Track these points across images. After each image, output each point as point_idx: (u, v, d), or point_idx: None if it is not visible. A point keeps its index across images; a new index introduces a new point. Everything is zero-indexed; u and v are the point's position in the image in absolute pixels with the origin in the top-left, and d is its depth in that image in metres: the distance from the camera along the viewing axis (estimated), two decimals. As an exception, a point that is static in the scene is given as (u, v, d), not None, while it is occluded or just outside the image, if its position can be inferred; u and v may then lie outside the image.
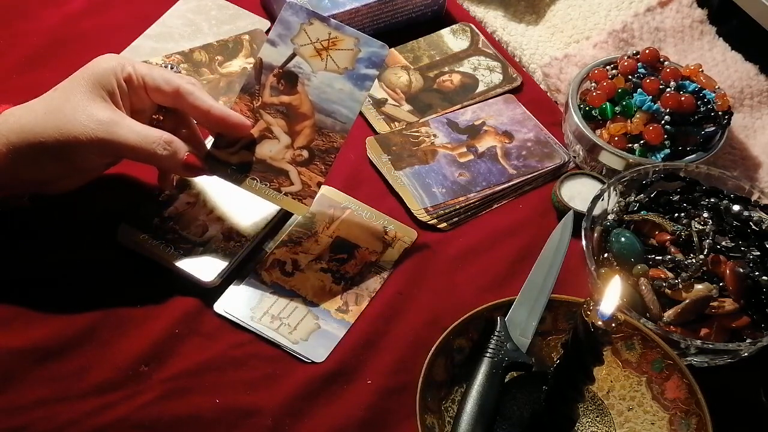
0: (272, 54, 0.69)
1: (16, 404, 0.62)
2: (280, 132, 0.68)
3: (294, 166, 0.68)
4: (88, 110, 0.62)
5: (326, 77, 0.68)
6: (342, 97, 0.68)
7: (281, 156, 0.68)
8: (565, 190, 0.77)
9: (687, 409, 0.61)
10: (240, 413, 0.63)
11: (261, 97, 0.68)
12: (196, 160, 0.67)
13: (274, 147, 0.68)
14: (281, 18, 0.69)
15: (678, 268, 0.67)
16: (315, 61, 0.68)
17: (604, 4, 0.94)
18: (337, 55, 0.68)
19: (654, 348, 0.63)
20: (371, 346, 0.67)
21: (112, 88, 0.64)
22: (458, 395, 0.63)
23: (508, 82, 0.89)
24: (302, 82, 0.68)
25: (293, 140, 0.68)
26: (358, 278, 0.71)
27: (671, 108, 0.77)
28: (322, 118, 0.68)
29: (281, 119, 0.68)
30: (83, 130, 0.61)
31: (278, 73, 0.68)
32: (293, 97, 0.68)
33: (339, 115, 0.68)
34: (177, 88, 0.66)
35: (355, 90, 0.68)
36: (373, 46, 0.68)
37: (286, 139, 0.68)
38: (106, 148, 0.63)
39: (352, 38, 0.68)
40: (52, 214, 0.71)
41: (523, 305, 0.65)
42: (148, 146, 0.63)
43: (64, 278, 0.69)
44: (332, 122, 0.68)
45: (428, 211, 0.76)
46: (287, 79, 0.68)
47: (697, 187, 0.72)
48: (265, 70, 0.69)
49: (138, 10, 0.92)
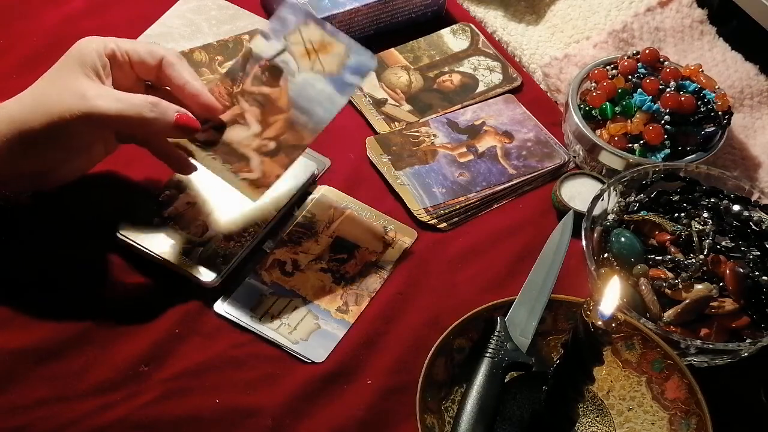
0: (263, 46, 0.69)
1: (16, 404, 0.62)
2: (252, 120, 0.68)
3: (258, 155, 0.68)
4: (71, 88, 0.62)
5: (310, 77, 0.68)
6: (321, 99, 0.68)
7: (247, 143, 0.68)
8: (565, 190, 0.77)
9: (687, 409, 0.61)
10: (240, 413, 0.63)
11: (242, 84, 0.68)
12: (190, 119, 0.65)
13: (243, 133, 0.68)
14: (279, 14, 0.69)
15: (678, 268, 0.67)
16: (303, 61, 0.68)
17: (604, 4, 0.94)
18: (326, 58, 0.68)
19: (654, 348, 0.63)
20: (371, 346, 0.67)
21: (95, 65, 0.63)
22: (458, 395, 0.63)
23: (508, 82, 0.89)
24: (285, 78, 0.68)
25: (263, 130, 0.68)
26: (358, 278, 0.71)
27: (671, 108, 0.77)
28: (297, 115, 0.68)
29: (257, 108, 0.68)
30: (68, 107, 0.61)
31: (264, 65, 0.68)
32: (273, 89, 0.68)
33: (314, 114, 0.68)
34: (161, 59, 0.66)
35: (336, 94, 0.68)
36: (362, 56, 0.68)
37: (256, 128, 0.68)
38: (94, 121, 0.62)
39: (343, 45, 0.68)
40: (52, 213, 0.71)
41: (523, 305, 0.65)
42: (135, 111, 0.62)
43: (64, 278, 0.69)
44: (306, 120, 0.68)
45: (428, 211, 0.76)
46: (272, 72, 0.68)
47: (697, 187, 0.72)
48: (252, 59, 0.69)
49: (138, 10, 0.92)
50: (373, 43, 0.90)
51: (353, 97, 0.85)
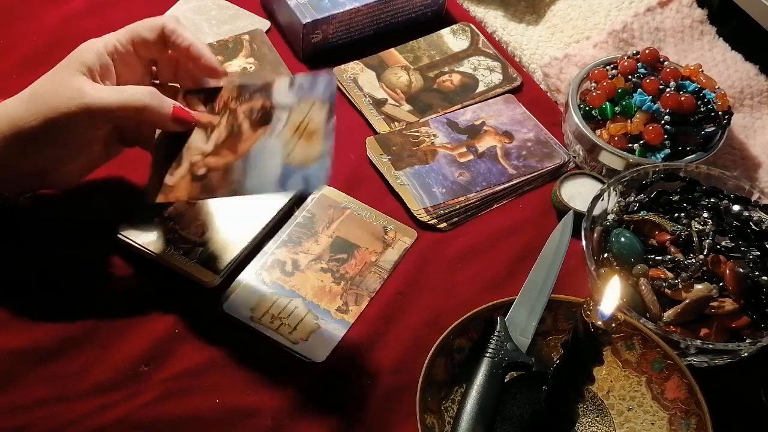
0: (282, 89, 0.65)
1: (16, 404, 0.61)
2: (213, 139, 0.65)
3: (187, 168, 0.65)
4: (68, 85, 0.62)
5: (277, 149, 0.63)
6: (263, 174, 0.62)
7: (192, 153, 0.65)
8: (565, 190, 0.77)
9: (687, 409, 0.61)
10: (240, 413, 0.63)
11: (240, 104, 0.66)
12: (185, 112, 0.65)
13: (198, 141, 0.65)
14: (317, 76, 0.64)
15: (678, 268, 0.67)
16: (288, 131, 0.63)
17: (604, 4, 0.94)
18: (301, 146, 0.62)
19: (654, 348, 0.63)
20: (371, 346, 0.67)
21: (94, 65, 0.63)
22: (458, 395, 0.63)
23: (508, 82, 0.89)
24: (265, 130, 0.64)
25: (210, 154, 0.65)
26: (358, 278, 0.71)
27: (671, 108, 0.77)
28: (239, 167, 0.63)
29: (225, 132, 0.65)
30: (66, 102, 0.61)
31: (266, 105, 0.65)
32: (249, 132, 0.65)
33: (248, 179, 0.62)
34: (161, 29, 0.65)
35: (274, 182, 0.61)
36: (320, 173, 0.60)
37: (209, 148, 0.65)
38: (93, 115, 0.62)
39: (321, 149, 0.61)
40: (51, 214, 0.71)
41: (523, 305, 0.65)
42: (134, 99, 0.62)
43: (64, 278, 0.69)
44: (238, 178, 0.62)
45: (428, 211, 0.76)
46: (263, 116, 0.65)
47: (697, 187, 0.72)
48: (265, 92, 0.66)
49: (138, 10, 0.91)
50: (373, 43, 0.91)
51: (353, 97, 0.85)
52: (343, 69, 0.88)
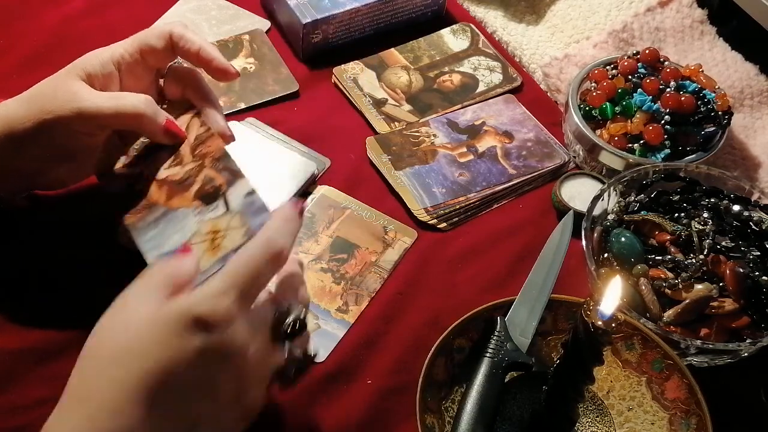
0: (240, 191, 0.59)
1: (16, 404, 0.61)
2: (171, 171, 0.64)
3: (137, 186, 0.64)
4: (65, 89, 0.62)
5: (190, 230, 0.59)
6: (162, 239, 0.60)
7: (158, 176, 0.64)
8: (565, 190, 0.77)
9: (687, 409, 0.61)
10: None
11: (211, 167, 0.62)
12: (178, 128, 0.65)
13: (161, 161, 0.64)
14: (262, 213, 0.57)
15: (678, 268, 0.67)
16: (209, 225, 0.58)
17: (604, 4, 0.94)
18: (199, 249, 0.57)
19: (654, 348, 0.63)
20: (371, 346, 0.67)
21: (95, 73, 0.63)
22: (458, 395, 0.63)
23: (508, 82, 0.89)
24: (198, 206, 0.60)
25: (156, 179, 0.64)
26: (358, 278, 0.71)
27: (671, 108, 0.77)
28: (158, 212, 0.62)
29: (181, 176, 0.63)
30: (60, 106, 0.61)
31: (221, 187, 0.60)
32: (191, 195, 0.61)
33: (152, 231, 0.61)
34: (169, 36, 0.65)
35: (154, 252, 0.60)
36: None
37: (160, 175, 0.64)
38: (86, 120, 0.62)
39: (208, 265, 0.57)
40: (51, 214, 0.71)
41: (523, 305, 0.65)
42: (130, 106, 0.62)
43: (63, 278, 0.69)
44: (149, 220, 0.62)
45: (428, 211, 0.76)
46: (211, 195, 0.60)
47: (697, 187, 0.72)
48: (233, 176, 0.60)
49: (138, 10, 0.92)
50: (373, 43, 0.91)
51: (353, 97, 0.85)
52: (343, 69, 0.88)
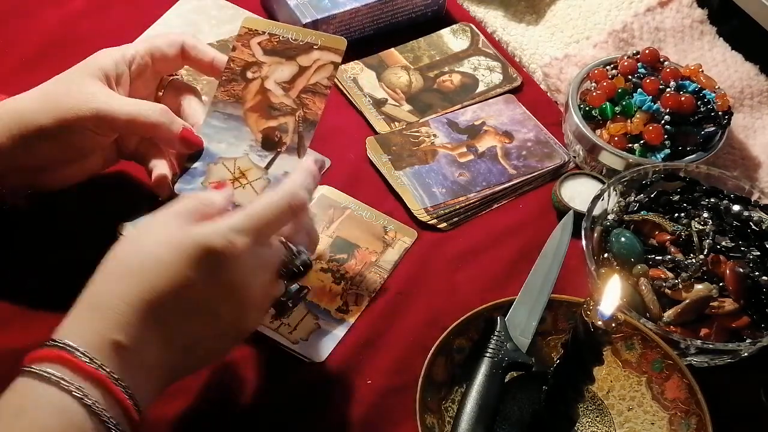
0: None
1: (16, 404, 0.61)
2: (275, 98, 0.66)
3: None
4: (82, 89, 0.62)
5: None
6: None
7: (266, 84, 0.66)
8: (565, 190, 0.77)
9: (687, 409, 0.61)
10: (240, 413, 0.63)
11: (305, 111, 0.67)
12: (194, 136, 0.65)
13: (277, 84, 0.66)
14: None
15: (678, 268, 0.67)
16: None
17: (604, 4, 0.94)
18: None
19: (654, 348, 0.63)
20: (371, 346, 0.67)
21: (109, 73, 0.64)
22: (458, 395, 0.63)
23: (508, 82, 0.89)
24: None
25: (251, 89, 0.66)
26: (358, 278, 0.71)
27: (671, 108, 0.77)
28: (227, 107, 0.66)
29: (268, 104, 0.66)
30: (77, 104, 0.61)
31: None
32: (264, 117, 0.66)
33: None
34: (181, 45, 0.66)
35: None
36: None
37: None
38: (102, 121, 0.62)
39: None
40: (51, 214, 0.71)
41: (523, 305, 0.65)
42: (146, 113, 0.63)
43: (64, 278, 0.68)
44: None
45: (428, 211, 0.76)
46: (270, 142, 0.66)
47: (697, 187, 0.72)
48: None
49: (138, 10, 0.91)
50: (373, 43, 0.91)
51: (353, 97, 0.85)
52: (343, 69, 0.88)
